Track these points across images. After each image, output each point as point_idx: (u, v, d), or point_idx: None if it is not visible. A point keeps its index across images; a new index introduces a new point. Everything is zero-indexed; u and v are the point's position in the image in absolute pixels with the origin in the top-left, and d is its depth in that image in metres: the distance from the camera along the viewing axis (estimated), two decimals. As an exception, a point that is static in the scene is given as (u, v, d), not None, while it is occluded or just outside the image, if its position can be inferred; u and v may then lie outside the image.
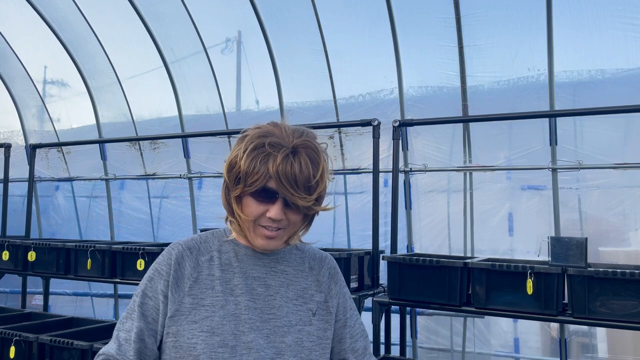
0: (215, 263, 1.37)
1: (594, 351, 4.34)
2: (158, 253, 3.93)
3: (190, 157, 5.64)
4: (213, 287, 1.33)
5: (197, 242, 1.40)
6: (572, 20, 4.04)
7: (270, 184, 1.25)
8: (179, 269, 1.34)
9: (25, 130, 6.67)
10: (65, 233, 6.45)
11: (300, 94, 5.21)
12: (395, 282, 3.32)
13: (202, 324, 1.29)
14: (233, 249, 1.39)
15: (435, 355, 4.74)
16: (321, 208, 1.33)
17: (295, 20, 5.02)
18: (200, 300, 1.32)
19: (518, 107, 4.14)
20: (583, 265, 2.93)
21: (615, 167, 3.95)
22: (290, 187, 1.24)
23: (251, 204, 1.28)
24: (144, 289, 1.36)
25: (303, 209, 1.29)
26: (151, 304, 1.34)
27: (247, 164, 1.26)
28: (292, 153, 1.25)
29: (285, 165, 1.24)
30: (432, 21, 4.40)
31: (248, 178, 1.26)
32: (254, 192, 1.27)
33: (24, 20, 5.76)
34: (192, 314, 1.30)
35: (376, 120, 3.85)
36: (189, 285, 1.33)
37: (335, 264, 1.52)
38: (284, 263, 1.40)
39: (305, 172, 1.25)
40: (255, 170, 1.25)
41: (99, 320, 4.36)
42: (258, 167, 1.24)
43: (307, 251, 1.49)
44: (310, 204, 1.28)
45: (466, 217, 4.51)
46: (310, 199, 1.27)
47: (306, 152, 1.27)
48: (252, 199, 1.28)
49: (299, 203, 1.26)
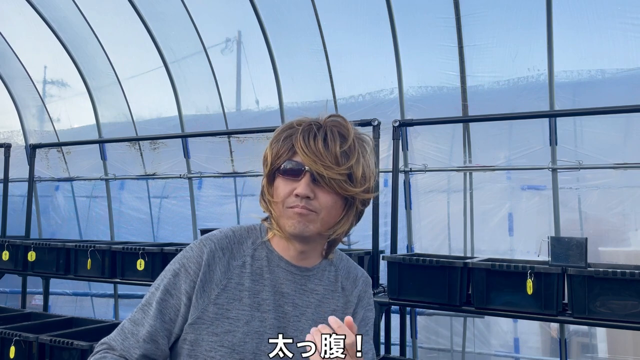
0: (247, 271, 1.27)
1: (594, 351, 4.34)
2: (158, 253, 3.96)
3: (190, 157, 5.64)
4: (241, 298, 1.25)
5: (230, 242, 1.31)
6: (572, 20, 4.04)
7: (295, 157, 1.21)
8: (209, 272, 1.25)
9: (25, 130, 6.67)
10: (65, 233, 6.45)
11: (300, 94, 5.21)
12: (395, 282, 3.32)
13: (223, 337, 1.22)
14: (266, 256, 1.30)
15: (435, 355, 4.74)
16: (359, 190, 1.22)
17: (295, 20, 5.02)
18: (225, 312, 1.24)
19: (518, 107, 4.14)
20: (583, 265, 2.93)
21: (615, 167, 3.94)
22: (314, 155, 1.18)
23: (280, 184, 1.23)
24: (166, 284, 1.26)
25: (334, 186, 1.19)
26: (172, 303, 1.25)
27: (273, 145, 1.24)
28: (316, 126, 1.22)
29: (309, 135, 1.20)
30: (432, 21, 4.40)
31: (274, 158, 1.23)
32: (281, 170, 1.22)
33: (24, 20, 5.76)
34: (214, 324, 1.22)
35: (376, 120, 3.85)
36: (217, 293, 1.24)
37: (368, 287, 1.42)
38: (315, 281, 1.32)
39: (329, 142, 1.19)
40: (280, 148, 1.23)
41: (99, 320, 4.36)
42: (282, 144, 1.23)
43: (341, 268, 1.40)
44: (340, 177, 1.19)
45: (466, 217, 4.51)
46: (338, 170, 1.18)
47: (333, 126, 1.22)
48: (280, 178, 1.23)
49: (324, 173, 1.17)
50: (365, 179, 1.23)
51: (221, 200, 5.52)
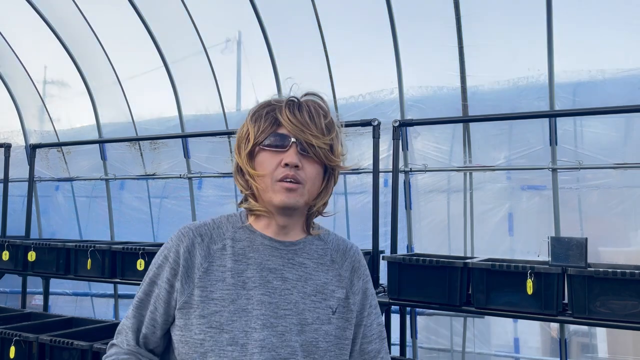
0: (228, 252, 1.29)
1: (594, 351, 4.34)
2: (158, 253, 3.96)
3: (190, 157, 5.64)
4: (224, 279, 1.26)
5: (209, 228, 1.33)
6: (572, 20, 4.04)
7: (280, 129, 1.25)
8: (190, 258, 1.28)
9: (25, 130, 6.67)
10: (65, 233, 6.45)
11: (300, 94, 5.20)
12: (395, 282, 3.32)
13: (210, 318, 1.23)
14: (248, 237, 1.31)
15: (435, 355, 4.74)
16: (339, 161, 1.30)
17: (296, 20, 5.02)
18: (209, 293, 1.25)
19: (518, 107, 4.14)
20: (583, 265, 2.93)
21: (615, 167, 3.94)
22: (301, 125, 1.23)
23: (265, 157, 1.25)
24: (151, 276, 1.34)
25: (320, 156, 1.25)
26: (158, 293, 1.32)
27: (254, 123, 1.27)
28: (296, 102, 1.28)
29: (293, 108, 1.26)
30: (432, 21, 4.40)
31: (258, 133, 1.26)
32: (266, 143, 1.25)
33: (24, 20, 5.76)
34: (200, 307, 1.24)
35: (376, 120, 3.85)
36: (199, 276, 1.26)
37: (360, 257, 1.42)
38: (303, 255, 1.32)
39: (313, 112, 1.26)
40: (263, 123, 1.26)
41: (99, 320, 4.36)
42: (265, 118, 1.26)
43: (330, 242, 1.40)
44: (326, 146, 1.25)
45: (466, 217, 4.51)
46: (325, 139, 1.25)
47: (314, 102, 1.29)
48: (265, 151, 1.25)
49: (313, 142, 1.23)
50: (340, 154, 1.32)
51: (221, 200, 5.52)
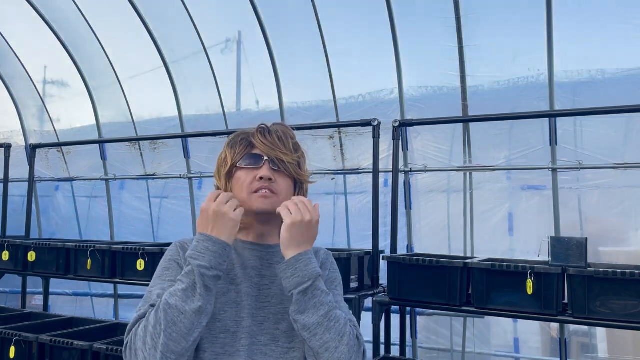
0: None
1: (594, 351, 4.34)
2: (158, 253, 3.95)
3: (190, 157, 5.64)
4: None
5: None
6: (572, 20, 4.04)
7: (254, 150, 1.45)
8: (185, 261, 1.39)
9: (25, 130, 6.67)
10: (65, 233, 6.45)
11: (300, 94, 5.21)
12: (395, 282, 3.32)
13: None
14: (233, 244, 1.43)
15: (435, 355, 4.74)
16: (306, 175, 1.50)
17: (296, 20, 5.02)
18: None
19: (518, 107, 4.14)
20: (583, 265, 2.93)
21: (615, 167, 3.94)
22: (272, 145, 1.43)
23: (242, 175, 1.43)
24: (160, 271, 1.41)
25: (290, 170, 1.43)
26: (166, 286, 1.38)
27: (230, 148, 1.48)
28: (266, 128, 1.49)
29: (264, 132, 1.47)
30: (432, 21, 4.40)
31: (235, 155, 1.46)
32: (242, 162, 1.43)
33: (24, 20, 5.76)
34: None
35: (376, 120, 3.85)
36: None
37: (328, 255, 1.58)
38: (279, 256, 1.42)
39: (282, 135, 1.46)
40: (238, 147, 1.46)
41: (99, 320, 4.36)
42: (240, 143, 1.47)
43: None
44: (294, 162, 1.44)
45: (466, 217, 4.51)
46: (293, 156, 1.45)
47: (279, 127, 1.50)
48: (242, 169, 1.44)
49: (283, 158, 1.42)
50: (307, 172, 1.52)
51: (221, 200, 5.51)
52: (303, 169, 1.49)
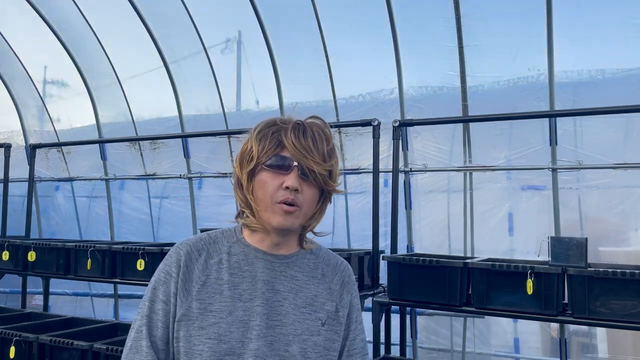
0: (224, 266, 1.33)
1: (594, 351, 4.34)
2: (158, 253, 3.95)
3: (190, 157, 5.64)
4: (221, 292, 1.30)
5: (205, 243, 1.37)
6: (572, 20, 4.04)
7: (284, 152, 1.28)
8: (187, 272, 1.31)
9: (25, 130, 6.67)
10: (65, 233, 6.45)
11: (300, 94, 5.21)
12: (395, 282, 3.32)
13: (209, 330, 1.27)
14: (243, 251, 1.35)
15: (435, 355, 4.74)
16: (336, 185, 1.34)
17: (296, 20, 5.02)
18: (208, 306, 1.29)
19: (518, 107, 4.14)
20: (583, 265, 2.93)
21: (615, 167, 3.94)
22: (304, 150, 1.26)
23: (266, 178, 1.28)
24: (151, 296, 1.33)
25: (319, 181, 1.28)
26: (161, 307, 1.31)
27: (258, 141, 1.29)
28: (301, 126, 1.30)
29: (298, 132, 1.28)
30: (432, 21, 4.40)
31: (262, 153, 1.28)
32: (269, 163, 1.27)
33: (24, 20, 5.76)
34: (199, 319, 1.28)
35: (376, 120, 3.84)
36: (197, 289, 1.30)
37: (350, 272, 1.47)
38: (295, 268, 1.36)
39: (317, 139, 1.29)
40: (268, 143, 1.28)
41: (99, 320, 4.36)
42: (270, 139, 1.28)
43: (321, 257, 1.44)
44: (326, 172, 1.29)
45: (466, 217, 4.51)
46: (326, 165, 1.28)
47: (318, 127, 1.32)
48: (267, 172, 1.28)
49: (314, 168, 1.26)
50: (338, 178, 1.36)
51: (221, 200, 5.52)
52: (334, 178, 1.33)
